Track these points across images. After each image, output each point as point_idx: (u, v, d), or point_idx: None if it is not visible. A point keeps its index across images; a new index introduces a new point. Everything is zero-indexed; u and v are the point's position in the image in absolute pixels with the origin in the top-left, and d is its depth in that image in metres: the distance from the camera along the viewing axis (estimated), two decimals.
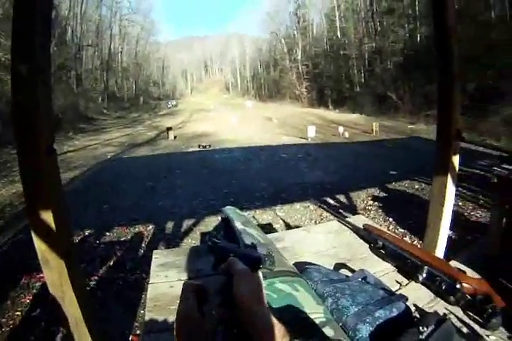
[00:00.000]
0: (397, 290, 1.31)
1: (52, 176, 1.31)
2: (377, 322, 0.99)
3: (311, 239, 1.82)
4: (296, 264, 1.34)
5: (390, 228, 5.03)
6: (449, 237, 2.19)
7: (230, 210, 1.54)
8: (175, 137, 17.84)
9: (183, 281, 1.38)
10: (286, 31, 52.86)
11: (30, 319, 3.20)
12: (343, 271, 1.44)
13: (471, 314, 1.19)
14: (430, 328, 0.93)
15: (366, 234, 1.71)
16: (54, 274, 1.33)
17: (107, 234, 5.22)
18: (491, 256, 2.90)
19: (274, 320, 0.58)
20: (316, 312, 0.94)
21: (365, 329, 0.97)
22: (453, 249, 2.29)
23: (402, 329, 0.94)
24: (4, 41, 19.52)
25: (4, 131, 13.79)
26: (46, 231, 1.26)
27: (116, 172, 10.10)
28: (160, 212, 6.23)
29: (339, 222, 1.99)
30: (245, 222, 1.41)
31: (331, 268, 1.47)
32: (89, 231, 5.26)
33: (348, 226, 1.90)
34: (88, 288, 3.62)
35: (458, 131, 2.00)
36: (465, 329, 1.11)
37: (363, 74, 34.82)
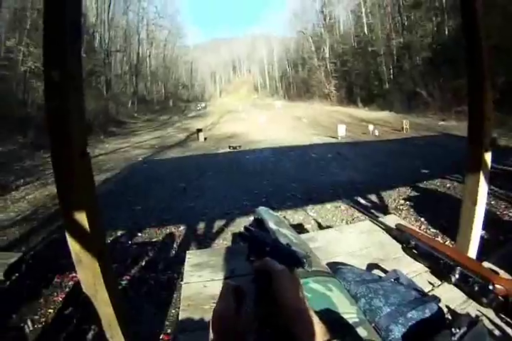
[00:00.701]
0: (429, 291, 1.31)
1: (85, 179, 1.35)
2: (410, 323, 1.00)
3: (344, 239, 1.83)
4: (329, 264, 1.35)
5: (422, 228, 4.94)
6: (481, 237, 2.15)
7: (263, 211, 1.57)
8: (205, 139, 17.94)
9: (216, 281, 1.42)
10: (313, 29, 52.48)
11: (63, 317, 3.30)
12: (376, 272, 1.45)
13: (504, 316, 1.17)
14: (462, 330, 0.93)
15: (399, 234, 1.70)
16: (87, 274, 1.38)
17: (139, 234, 5.33)
18: None
19: (316, 319, 0.60)
20: (349, 313, 0.96)
21: (397, 330, 0.98)
22: (485, 250, 2.24)
23: (435, 331, 0.95)
24: (34, 50, 20.15)
25: (36, 136, 14.26)
26: (80, 232, 1.31)
27: (148, 175, 10.25)
28: (191, 213, 6.29)
29: (371, 221, 1.99)
30: (278, 222, 1.44)
31: (364, 268, 1.48)
32: (121, 232, 5.38)
33: (380, 226, 1.90)
34: (120, 288, 3.70)
35: (493, 139, 1.94)
36: (497, 332, 1.10)
37: (391, 71, 34.16)
